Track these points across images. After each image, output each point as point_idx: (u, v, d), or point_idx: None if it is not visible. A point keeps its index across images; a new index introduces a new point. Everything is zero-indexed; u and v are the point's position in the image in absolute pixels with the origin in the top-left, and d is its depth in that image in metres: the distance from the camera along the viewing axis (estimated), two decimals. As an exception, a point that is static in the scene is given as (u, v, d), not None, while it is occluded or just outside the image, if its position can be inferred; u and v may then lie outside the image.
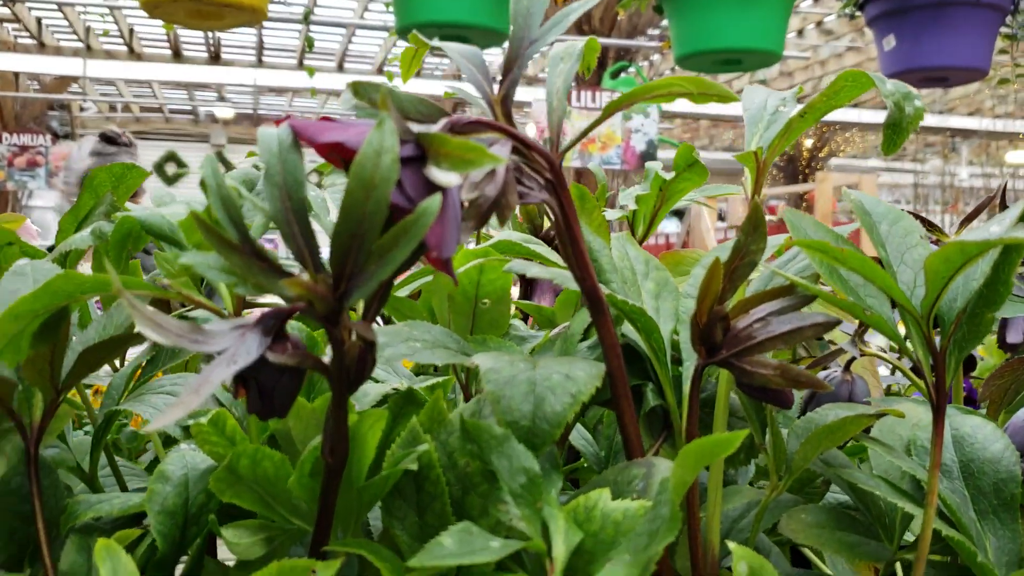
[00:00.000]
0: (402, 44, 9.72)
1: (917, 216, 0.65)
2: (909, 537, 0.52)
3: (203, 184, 0.35)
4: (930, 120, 11.63)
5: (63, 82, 9.62)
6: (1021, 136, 9.59)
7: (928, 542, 0.43)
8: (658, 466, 0.42)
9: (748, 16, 2.84)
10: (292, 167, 0.33)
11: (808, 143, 11.65)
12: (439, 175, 0.32)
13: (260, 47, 9.28)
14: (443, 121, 0.36)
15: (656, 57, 10.48)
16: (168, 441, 0.63)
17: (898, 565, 0.55)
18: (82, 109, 11.75)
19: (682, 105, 10.21)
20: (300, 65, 9.76)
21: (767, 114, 0.51)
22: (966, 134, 12.13)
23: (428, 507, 0.43)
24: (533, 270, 0.49)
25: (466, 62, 0.41)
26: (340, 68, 10.01)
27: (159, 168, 12.35)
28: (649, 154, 6.01)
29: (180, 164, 13.42)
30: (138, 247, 0.52)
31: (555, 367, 0.42)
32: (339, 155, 0.35)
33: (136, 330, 0.37)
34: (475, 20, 2.81)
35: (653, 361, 0.48)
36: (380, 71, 10.39)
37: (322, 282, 0.32)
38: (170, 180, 12.89)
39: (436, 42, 0.46)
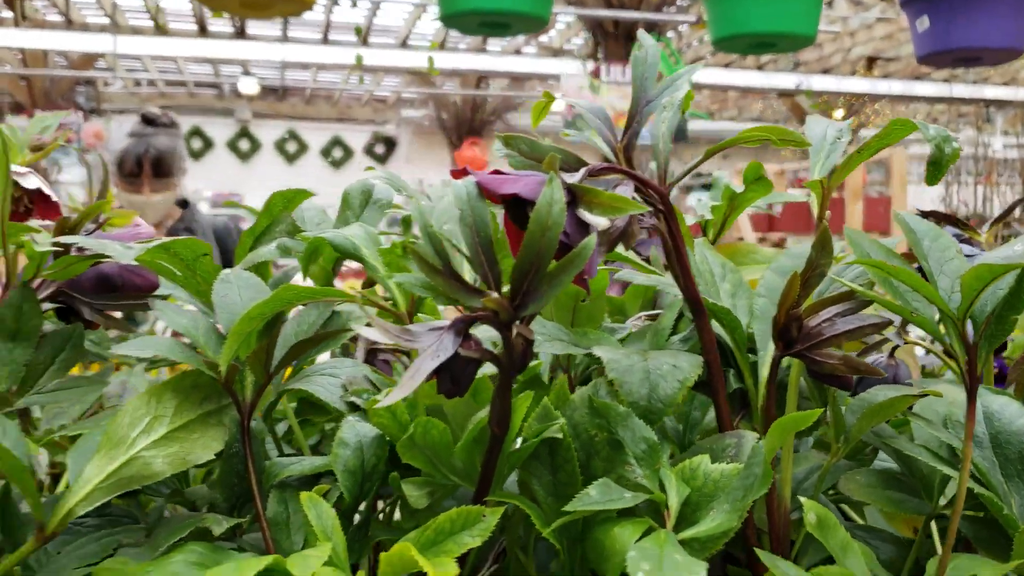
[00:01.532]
0: (426, 18, 9.77)
1: (950, 217, 0.74)
2: (941, 503, 0.62)
3: (405, 221, 0.46)
4: (963, 90, 11.56)
5: (90, 58, 9.74)
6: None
7: (963, 500, 0.54)
8: (746, 437, 0.53)
9: (783, 0, 2.91)
10: (479, 212, 0.43)
11: (838, 114, 11.60)
12: (591, 219, 0.43)
13: (285, 22, 9.35)
14: (583, 169, 0.47)
15: (684, 27, 10.46)
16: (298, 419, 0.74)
17: (933, 525, 0.66)
18: (106, 84, 11.89)
19: (710, 75, 10.19)
20: (325, 40, 9.83)
21: (827, 144, 0.61)
22: (1000, 104, 12.04)
23: (560, 468, 0.53)
24: (639, 279, 0.59)
25: (592, 116, 0.51)
26: (365, 42, 10.06)
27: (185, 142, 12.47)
28: (680, 128, 6.06)
29: (205, 139, 13.53)
30: (317, 259, 0.63)
31: (663, 358, 0.52)
32: (493, 195, 0.45)
33: (349, 328, 0.48)
34: (516, 7, 2.90)
35: (735, 352, 0.58)
36: (404, 45, 10.44)
37: (506, 298, 0.43)
38: (195, 155, 13.02)
39: (564, 99, 0.56)
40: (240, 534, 0.58)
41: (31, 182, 0.74)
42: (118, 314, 0.70)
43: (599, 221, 0.43)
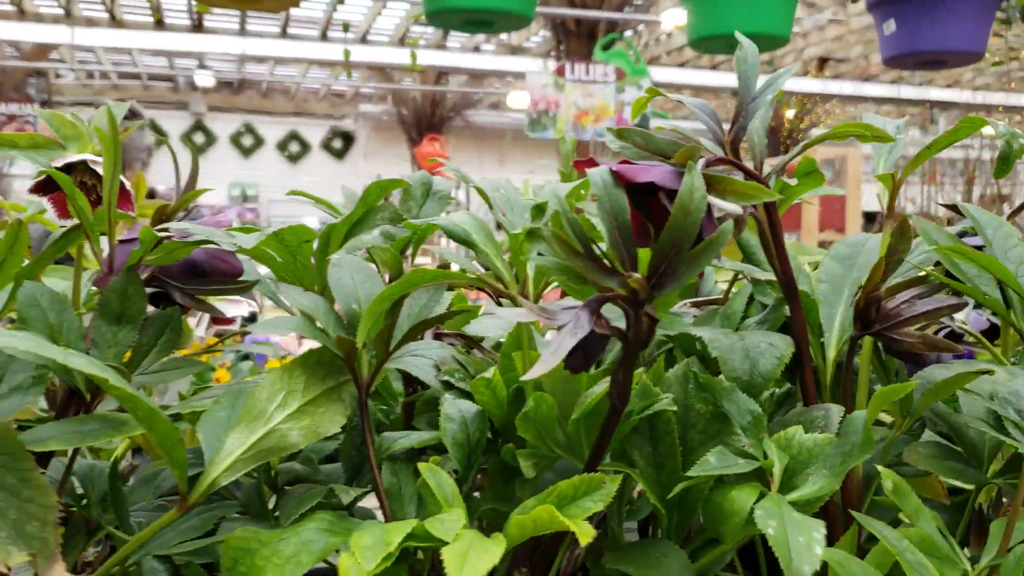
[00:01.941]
0: (388, 14, 9.75)
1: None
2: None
3: (536, 207, 0.49)
4: (910, 92, 11.85)
5: (43, 49, 9.56)
6: (1000, 108, 9.79)
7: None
8: (832, 410, 0.57)
9: (759, 2, 2.98)
10: (616, 199, 0.47)
11: (790, 114, 11.81)
12: (726, 206, 0.47)
13: (243, 15, 9.27)
14: (701, 160, 0.51)
15: (641, 27, 10.56)
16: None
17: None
18: (58, 76, 11.68)
19: (665, 75, 10.30)
20: (284, 34, 9.76)
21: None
22: (944, 106, 12.37)
23: (660, 440, 0.57)
24: (727, 264, 0.64)
25: (700, 111, 0.55)
26: (323, 37, 10.00)
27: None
28: (642, 126, 6.13)
29: (159, 132, 13.35)
30: (408, 246, 0.66)
31: (758, 338, 0.57)
32: (624, 181, 0.49)
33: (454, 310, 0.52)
34: (501, 6, 2.94)
35: (808, 333, 0.63)
36: (364, 40, 10.39)
37: (644, 279, 0.47)
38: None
39: (673, 96, 0.60)
40: (352, 505, 0.61)
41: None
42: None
43: (733, 208, 0.47)
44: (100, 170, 0.76)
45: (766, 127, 0.57)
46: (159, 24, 8.93)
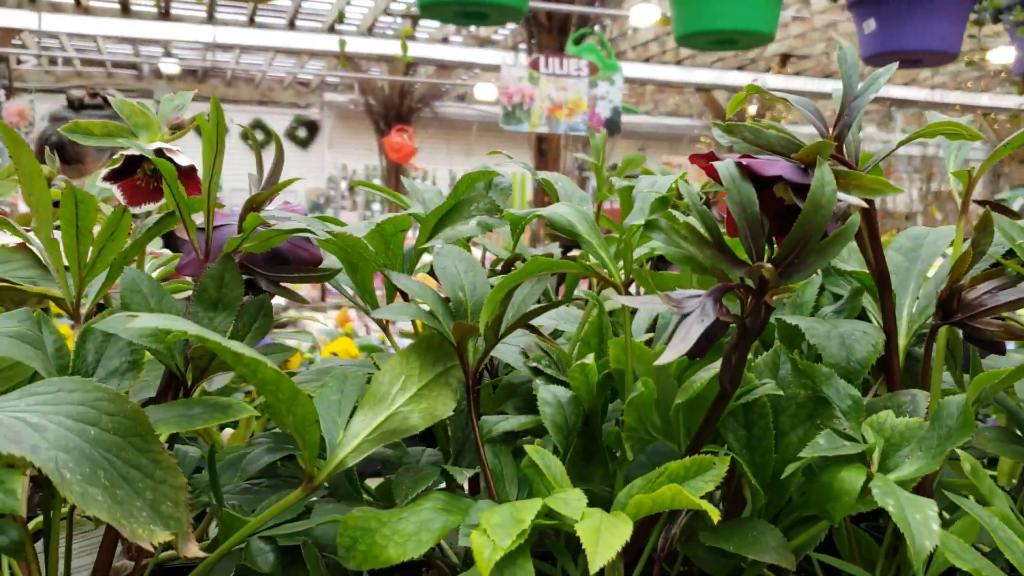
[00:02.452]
0: (356, 3, 9.69)
1: (1002, 207, 0.83)
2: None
3: (659, 201, 0.51)
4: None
5: (6, 35, 9.37)
6: (956, 107, 9.98)
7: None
8: (918, 395, 0.60)
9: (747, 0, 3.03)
10: (745, 191, 0.49)
11: (752, 109, 11.93)
12: (852, 199, 0.49)
13: (212, 3, 9.16)
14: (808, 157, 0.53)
15: (608, 21, 10.59)
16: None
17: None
18: (19, 62, 11.46)
19: (630, 70, 10.36)
20: (251, 22, 9.66)
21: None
22: (901, 104, 12.58)
23: (755, 424, 0.60)
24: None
25: (805, 109, 0.57)
26: (291, 26, 9.92)
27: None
28: (614, 121, 6.18)
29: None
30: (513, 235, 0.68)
31: (851, 326, 0.59)
32: (748, 175, 0.51)
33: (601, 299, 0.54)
34: (496, -1, 2.95)
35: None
36: (332, 30, 10.33)
37: (775, 269, 0.49)
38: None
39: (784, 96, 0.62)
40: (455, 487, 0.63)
41: (184, 160, 0.77)
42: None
43: (857, 201, 0.49)
44: (177, 159, 0.77)
45: (859, 124, 0.59)
46: (125, 11, 8.80)
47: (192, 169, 0.77)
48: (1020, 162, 12.79)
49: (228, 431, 1.04)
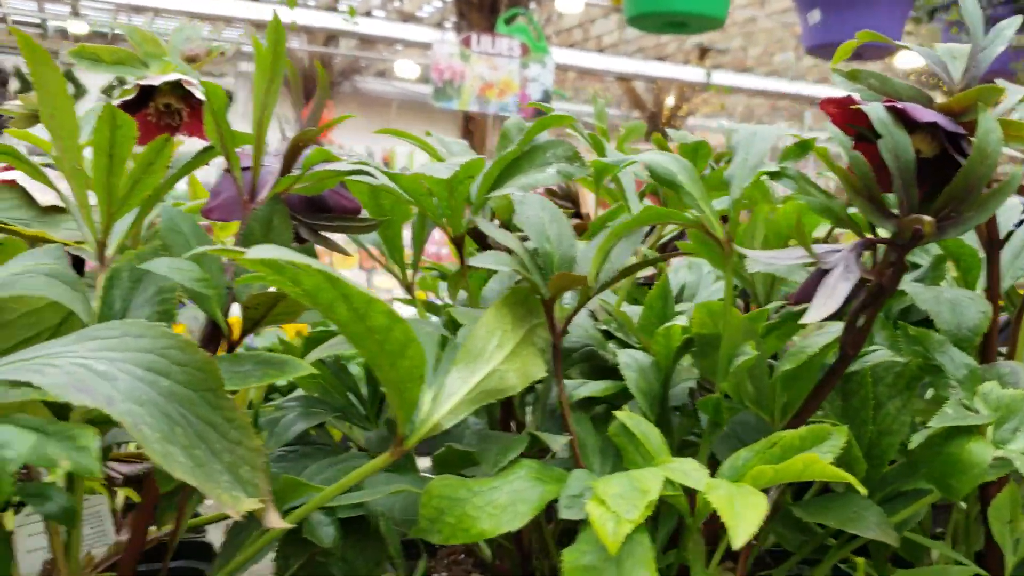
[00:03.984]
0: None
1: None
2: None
3: (798, 146, 0.47)
4: (783, 85, 12.30)
5: None
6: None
7: None
8: (1017, 367, 0.57)
9: (701, -17, 3.02)
10: (899, 138, 0.46)
11: (670, 101, 12.07)
12: (1011, 151, 0.46)
13: (126, -38, 8.80)
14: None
15: (532, 5, 10.56)
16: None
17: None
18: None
19: (555, 55, 10.37)
20: (166, -16, 9.32)
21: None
22: (812, 101, 12.90)
23: (854, 394, 0.57)
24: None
25: (931, 62, 0.54)
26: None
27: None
28: (544, 103, 6.15)
29: (25, 81, 12.57)
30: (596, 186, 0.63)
31: (956, 293, 0.56)
32: (904, 120, 0.48)
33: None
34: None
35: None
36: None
37: (935, 222, 0.45)
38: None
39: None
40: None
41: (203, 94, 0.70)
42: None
43: (1015, 153, 0.46)
44: (197, 93, 0.70)
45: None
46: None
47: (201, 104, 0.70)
48: None
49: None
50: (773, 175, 0.49)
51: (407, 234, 0.77)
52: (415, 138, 0.78)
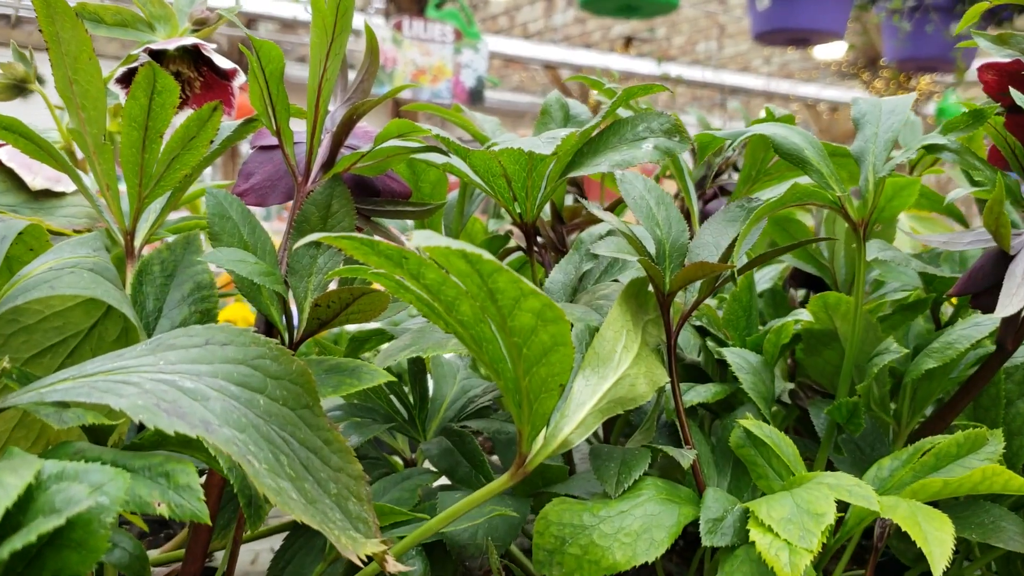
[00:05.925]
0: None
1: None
2: None
3: (977, 110, 0.41)
4: (705, 74, 12.43)
5: None
6: (791, 97, 10.44)
7: None
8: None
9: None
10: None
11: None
12: None
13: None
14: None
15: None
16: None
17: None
18: None
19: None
20: (77, -36, 8.97)
21: None
22: (734, 91, 13.07)
23: (983, 392, 0.51)
24: None
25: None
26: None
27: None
28: (477, 90, 6.07)
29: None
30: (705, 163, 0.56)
31: None
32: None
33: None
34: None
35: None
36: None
37: None
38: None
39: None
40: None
41: (224, 62, 0.62)
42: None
43: None
44: (216, 59, 0.61)
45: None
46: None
47: (234, 74, 0.62)
48: None
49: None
50: (932, 148, 0.43)
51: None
52: (446, 112, 0.71)
